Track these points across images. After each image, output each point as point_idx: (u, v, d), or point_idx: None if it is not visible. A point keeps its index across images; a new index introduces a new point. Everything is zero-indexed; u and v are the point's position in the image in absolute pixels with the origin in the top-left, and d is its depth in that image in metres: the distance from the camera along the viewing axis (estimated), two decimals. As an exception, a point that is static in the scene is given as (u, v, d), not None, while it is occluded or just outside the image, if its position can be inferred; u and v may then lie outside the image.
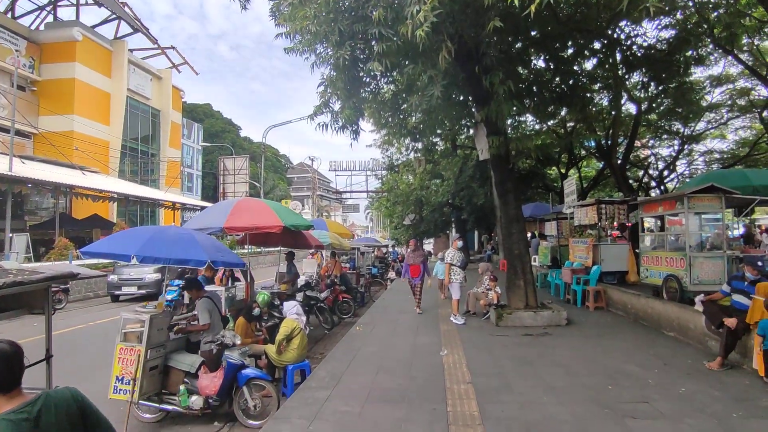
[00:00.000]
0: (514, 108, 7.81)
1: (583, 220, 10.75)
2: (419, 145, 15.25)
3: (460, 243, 9.31)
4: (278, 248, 10.97)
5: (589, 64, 10.86)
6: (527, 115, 12.90)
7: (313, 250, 13.51)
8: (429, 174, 23.84)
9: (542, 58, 9.69)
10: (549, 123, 15.20)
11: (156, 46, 34.67)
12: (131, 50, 31.96)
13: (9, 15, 27.71)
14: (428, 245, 35.94)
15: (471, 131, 13.98)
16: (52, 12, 30.40)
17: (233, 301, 7.30)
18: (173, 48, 35.83)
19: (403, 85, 8.89)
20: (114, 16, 31.03)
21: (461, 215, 24.20)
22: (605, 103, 14.45)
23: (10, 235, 16.81)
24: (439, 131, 12.30)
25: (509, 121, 9.78)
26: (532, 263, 9.95)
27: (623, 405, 4.31)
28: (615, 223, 10.66)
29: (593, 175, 23.74)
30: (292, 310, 6.48)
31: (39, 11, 29.89)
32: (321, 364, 6.01)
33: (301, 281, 9.96)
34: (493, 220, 20.70)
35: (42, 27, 29.14)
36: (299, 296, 8.74)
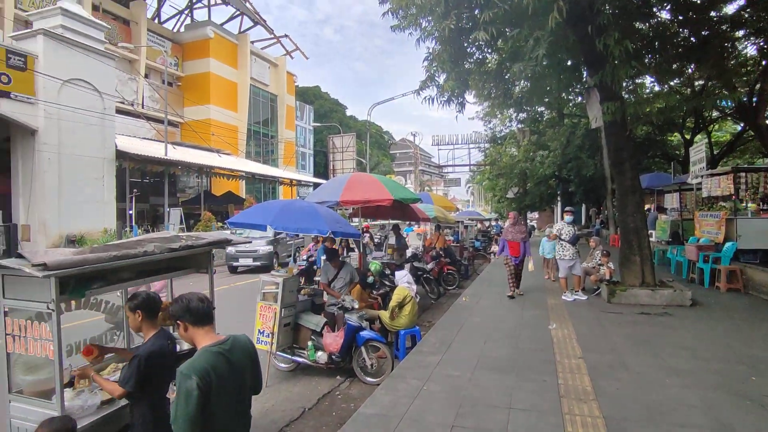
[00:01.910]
0: (633, 69, 7.01)
1: (715, 191, 9.40)
2: (523, 116, 14.46)
3: (568, 217, 8.72)
4: (387, 221, 11.54)
5: (731, 7, 9.13)
6: (646, 75, 11.38)
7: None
8: (534, 145, 22.63)
9: (667, 8, 8.44)
10: (672, 83, 13.18)
11: (272, 36, 37.56)
12: (252, 42, 35.10)
13: (156, 21, 32.30)
14: (532, 220, 34.33)
15: (580, 98, 12.87)
16: (190, 14, 34.72)
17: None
18: (287, 36, 38.50)
19: (507, 53, 8.53)
20: (238, 12, 34.35)
21: (568, 188, 22.68)
22: (753, 51, 12.01)
23: (168, 209, 20.19)
24: (545, 99, 11.52)
25: (625, 84, 8.76)
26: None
27: (769, 397, 3.86)
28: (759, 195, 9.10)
29: (728, 139, 20.13)
30: (403, 279, 6.89)
31: (179, 15, 34.42)
32: (430, 331, 6.34)
33: (408, 253, 10.41)
34: (603, 192, 19.08)
35: (182, 29, 33.45)
36: (407, 267, 9.17)
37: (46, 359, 2.71)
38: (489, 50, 8.63)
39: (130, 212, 19.08)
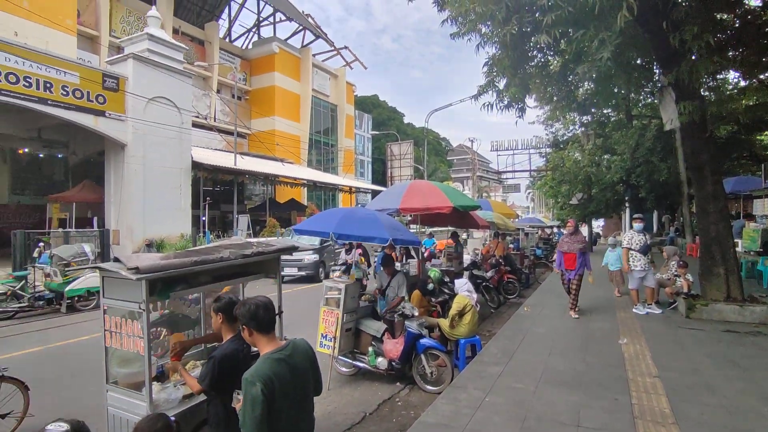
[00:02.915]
0: (714, 65, 6.37)
1: (818, 194, 8.31)
2: (588, 119, 13.64)
3: (638, 225, 8.01)
4: (447, 228, 11.44)
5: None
6: (730, 70, 10.29)
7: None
8: (599, 149, 21.32)
9: None
10: (762, 76, 11.81)
11: (332, 48, 38.87)
12: (314, 55, 36.58)
13: (226, 39, 34.67)
14: (597, 228, 32.40)
15: (651, 98, 11.94)
16: (257, 32, 36.91)
17: (407, 276, 8.00)
18: (346, 47, 39.65)
19: (571, 55, 8.17)
20: (301, 27, 35.99)
21: (638, 193, 21.15)
22: None
23: (236, 216, 21.46)
24: (612, 101, 10.82)
25: (704, 81, 7.98)
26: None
27: None
28: None
29: None
30: (463, 287, 6.77)
31: (247, 33, 36.73)
32: (491, 341, 6.20)
33: (466, 260, 10.25)
34: (678, 198, 17.51)
35: (250, 45, 35.63)
36: (466, 275, 9.03)
37: (137, 354, 3.01)
38: (551, 53, 8.32)
39: (203, 219, 20.48)
